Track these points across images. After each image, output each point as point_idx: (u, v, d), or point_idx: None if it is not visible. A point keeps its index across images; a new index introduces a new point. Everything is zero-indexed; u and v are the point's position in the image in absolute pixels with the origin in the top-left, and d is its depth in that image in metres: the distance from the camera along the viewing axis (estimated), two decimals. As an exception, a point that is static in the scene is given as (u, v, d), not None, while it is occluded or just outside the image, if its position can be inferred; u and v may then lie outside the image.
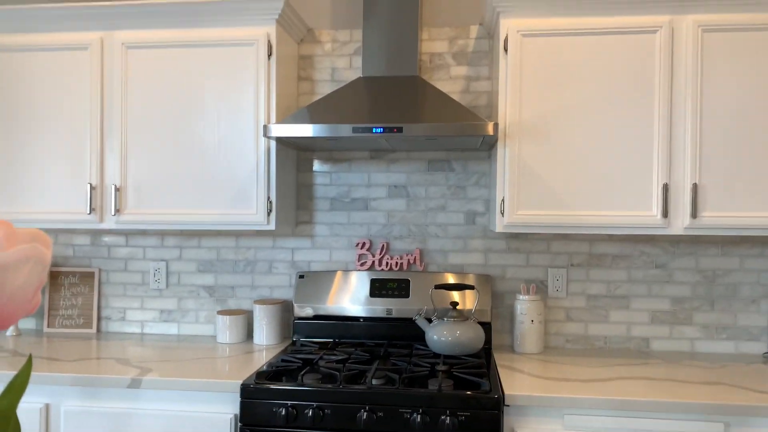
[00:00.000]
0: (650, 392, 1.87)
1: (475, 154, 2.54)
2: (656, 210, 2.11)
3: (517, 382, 1.98)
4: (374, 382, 1.92)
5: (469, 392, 1.83)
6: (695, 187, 2.08)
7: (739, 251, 2.42)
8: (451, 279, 2.46)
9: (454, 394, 1.83)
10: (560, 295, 2.49)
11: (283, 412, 1.86)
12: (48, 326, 2.69)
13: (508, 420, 1.88)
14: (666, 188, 2.09)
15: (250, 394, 1.90)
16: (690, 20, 2.08)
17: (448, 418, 1.80)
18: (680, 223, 2.11)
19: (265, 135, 2.10)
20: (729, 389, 1.92)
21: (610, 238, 2.47)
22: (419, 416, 1.81)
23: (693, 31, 2.08)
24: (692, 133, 2.08)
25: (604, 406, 1.83)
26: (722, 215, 2.08)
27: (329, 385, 1.89)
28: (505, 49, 2.17)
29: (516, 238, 2.52)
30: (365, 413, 1.83)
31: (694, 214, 2.08)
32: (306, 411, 1.86)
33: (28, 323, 2.76)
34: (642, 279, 2.46)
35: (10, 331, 2.61)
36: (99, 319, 2.71)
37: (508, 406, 1.87)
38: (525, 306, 2.37)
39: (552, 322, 2.50)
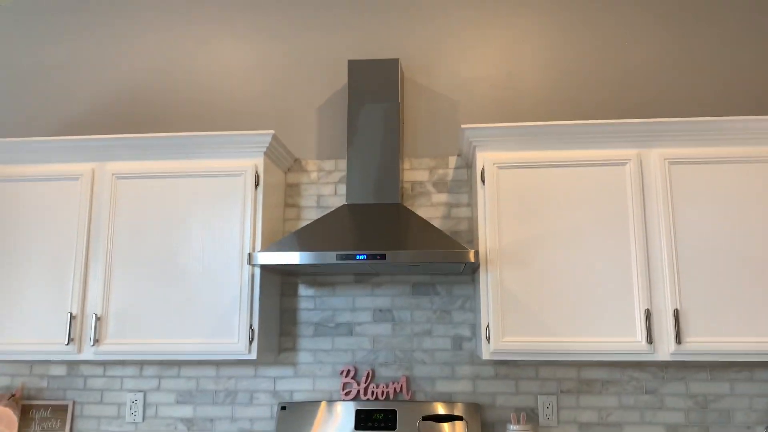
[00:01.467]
0: None
1: (459, 278, 2.56)
2: (641, 336, 2.10)
3: None
4: None
5: None
6: (677, 313, 2.10)
7: (728, 375, 2.39)
8: (439, 408, 2.39)
9: None
10: (551, 424, 2.41)
11: None
12: (13, 465, 2.53)
13: None
14: (648, 314, 2.10)
15: None
16: (656, 153, 2.21)
17: None
18: (666, 349, 2.10)
19: (250, 263, 2.12)
20: None
21: (599, 364, 2.44)
22: None
23: (660, 163, 2.19)
24: (668, 259, 2.13)
25: None
26: (707, 340, 2.09)
27: None
28: (483, 180, 2.26)
29: (504, 365, 2.48)
30: None
31: (678, 339, 2.08)
32: None
33: (-9, 462, 2.59)
34: (633, 405, 2.40)
35: (-29, 471, 2.45)
36: (68, 456, 2.56)
37: None
38: (516, 436, 2.28)
39: (545, 454, 2.40)
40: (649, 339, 2.09)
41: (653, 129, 2.20)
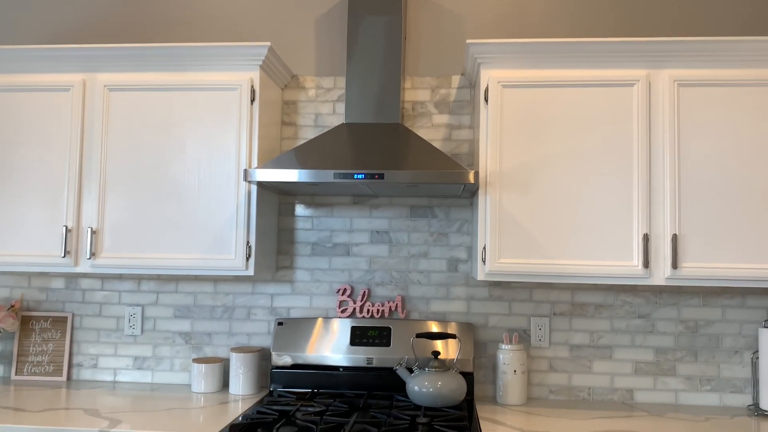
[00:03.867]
0: (634, 447, 1.83)
1: (458, 201, 2.54)
2: (637, 260, 2.10)
3: (499, 435, 1.93)
4: (352, 435, 1.86)
5: (449, 447, 1.78)
6: (675, 238, 2.09)
7: (720, 302, 2.41)
8: (433, 327, 2.42)
9: (434, 449, 1.77)
10: (543, 345, 2.45)
11: (257, 468, 1.78)
12: (16, 373, 2.60)
13: (490, 476, 1.82)
14: (646, 239, 2.09)
15: (222, 448, 1.83)
16: (666, 75, 2.13)
17: (428, 474, 1.74)
18: (662, 274, 2.11)
19: (245, 179, 2.09)
20: (714, 444, 1.88)
21: (593, 288, 2.46)
22: (398, 473, 1.75)
23: (669, 85, 2.12)
24: (671, 184, 2.10)
25: (588, 463, 1.78)
26: (703, 266, 2.09)
27: (305, 439, 1.82)
28: (486, 99, 2.19)
29: (498, 286, 2.50)
30: (342, 469, 1.76)
31: (674, 264, 2.08)
32: (280, 467, 1.79)
33: (-5, 370, 2.66)
34: (625, 329, 2.43)
35: (-24, 378, 2.51)
36: (70, 366, 2.62)
37: (489, 461, 1.82)
38: (508, 356, 2.33)
39: (535, 372, 2.45)
40: (646, 263, 2.09)
41: (664, 48, 2.11)
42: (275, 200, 2.56)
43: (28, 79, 2.34)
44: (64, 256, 2.28)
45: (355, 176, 2.04)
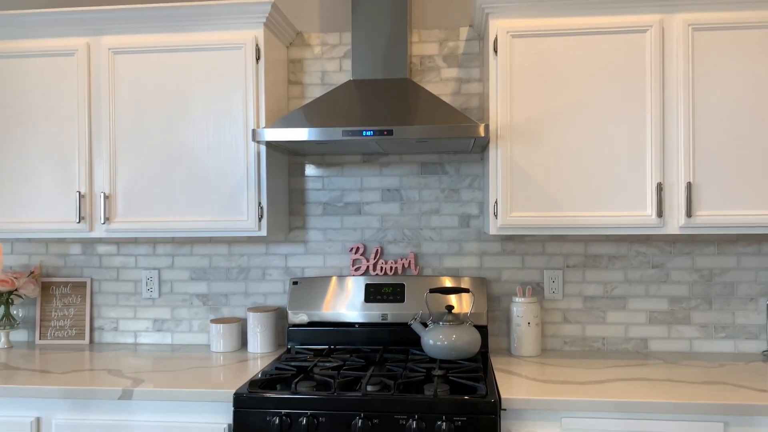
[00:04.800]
0: (648, 393, 1.85)
1: (468, 156, 2.52)
2: (651, 210, 2.09)
3: (514, 385, 1.95)
4: (369, 388, 1.89)
5: (465, 397, 1.81)
6: (689, 186, 2.06)
7: (735, 249, 2.40)
8: (446, 282, 2.44)
9: (450, 399, 1.80)
10: (557, 297, 2.46)
11: (277, 421, 1.83)
12: (40, 338, 2.66)
13: (506, 424, 1.86)
14: (660, 187, 2.07)
15: (242, 403, 1.87)
16: (680, 19, 2.07)
17: (445, 423, 1.77)
18: (675, 223, 2.09)
19: (254, 139, 2.08)
20: (728, 388, 1.90)
21: (606, 239, 2.45)
22: (415, 422, 1.78)
23: (683, 29, 2.06)
24: (685, 132, 2.07)
25: (601, 408, 1.80)
26: (717, 214, 2.07)
27: (323, 393, 1.86)
28: (495, 50, 2.15)
29: (511, 241, 2.50)
30: (360, 420, 1.80)
31: (689, 213, 2.06)
32: (300, 419, 1.83)
33: (19, 335, 2.72)
34: (639, 279, 2.43)
35: (2, 343, 2.58)
36: (92, 329, 2.68)
37: (504, 410, 1.85)
38: (521, 308, 2.34)
39: (549, 324, 2.47)
40: (660, 212, 2.07)
41: (679, -9, 2.05)
42: (285, 161, 2.55)
43: (32, 44, 2.32)
44: (78, 222, 2.30)
45: (364, 133, 2.02)
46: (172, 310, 2.65)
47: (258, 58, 2.25)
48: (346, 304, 2.45)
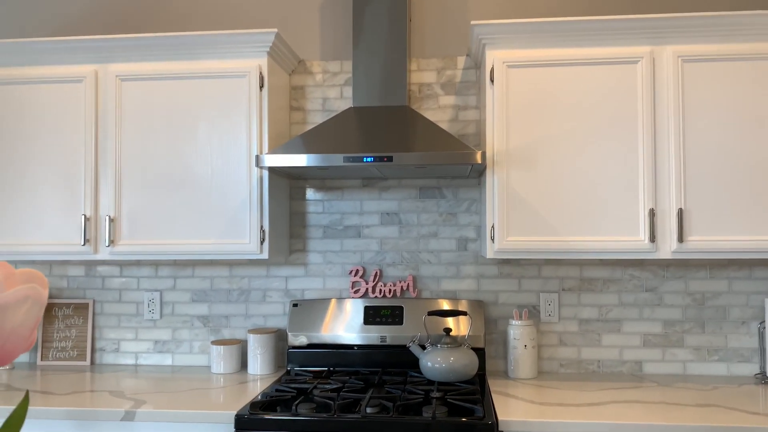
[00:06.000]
0: (644, 416, 1.88)
1: (466, 181, 2.58)
2: (643, 235, 2.14)
3: (511, 408, 1.98)
4: (368, 410, 1.92)
5: (463, 419, 1.84)
6: (681, 212, 2.12)
7: (727, 273, 2.45)
8: (444, 305, 2.48)
9: (448, 420, 1.83)
10: (553, 320, 2.51)
11: (278, 443, 1.86)
12: (42, 359, 2.68)
13: (503, 446, 1.88)
14: (652, 213, 2.13)
15: (244, 424, 1.90)
16: (670, 51, 2.15)
17: (443, 445, 1.80)
18: (668, 248, 2.14)
19: (257, 165, 2.14)
20: (721, 411, 1.93)
21: (601, 263, 2.50)
22: (413, 444, 1.81)
23: (673, 61, 2.14)
24: (676, 160, 2.13)
25: (598, 430, 1.84)
26: (708, 239, 2.12)
27: (323, 415, 1.89)
28: (492, 80, 2.22)
29: (507, 264, 2.54)
30: (359, 442, 1.83)
31: (680, 238, 2.12)
32: (300, 441, 1.86)
33: (21, 356, 2.74)
34: (633, 302, 2.48)
35: (3, 364, 2.60)
36: (93, 350, 2.71)
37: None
38: (518, 331, 2.38)
39: (545, 347, 2.51)
40: (652, 238, 2.13)
41: (667, 24, 2.12)
42: (286, 185, 2.61)
43: (41, 71, 2.39)
44: (84, 245, 2.34)
45: (365, 159, 2.08)
46: (173, 331, 2.68)
47: (261, 86, 2.32)
48: (346, 326, 2.49)
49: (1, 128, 2.40)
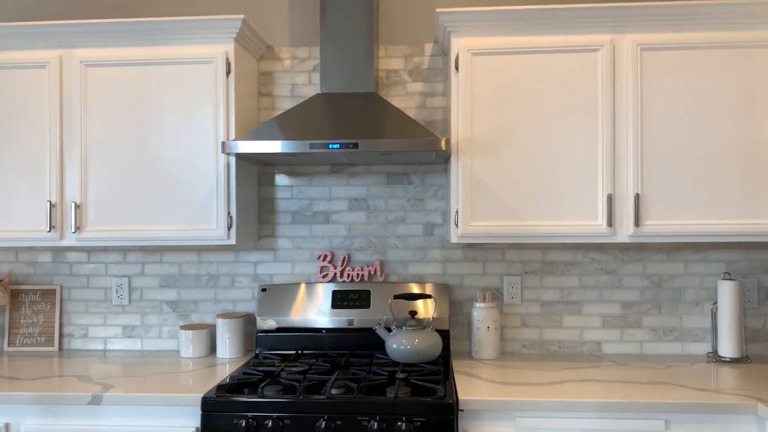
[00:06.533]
0: (597, 393, 1.96)
1: (433, 167, 2.62)
2: (602, 219, 2.21)
3: (473, 387, 2.05)
4: (333, 391, 1.97)
5: (424, 399, 1.90)
6: (638, 197, 2.19)
7: (682, 256, 2.54)
8: (411, 288, 2.53)
9: (410, 400, 1.89)
10: (515, 302, 2.57)
11: (244, 424, 1.90)
12: (8, 345, 2.68)
13: (463, 424, 1.95)
14: (610, 199, 2.20)
15: (210, 407, 1.94)
16: (629, 39, 2.20)
17: (405, 424, 1.86)
18: (625, 232, 2.22)
19: (223, 151, 2.15)
20: (671, 388, 2.02)
21: (563, 247, 2.57)
22: (377, 423, 1.87)
23: (632, 49, 2.19)
24: (634, 146, 2.20)
25: (553, 408, 1.91)
26: (664, 223, 2.20)
27: (289, 396, 1.93)
28: (456, 67, 2.25)
29: (472, 248, 2.60)
30: (324, 422, 1.88)
31: (637, 222, 2.19)
32: (266, 422, 1.90)
33: (-12, 342, 2.74)
34: (593, 285, 2.56)
35: (-30, 350, 2.59)
36: (61, 336, 2.71)
37: (462, 410, 1.94)
38: (481, 313, 2.45)
39: (508, 329, 2.58)
40: (610, 222, 2.20)
41: (627, 14, 2.17)
42: (255, 171, 2.62)
43: (5, 56, 2.36)
44: (49, 231, 2.34)
45: (330, 146, 2.10)
46: (141, 316, 2.69)
47: (228, 72, 2.32)
48: (314, 310, 2.52)
49: (-38, 113, 2.37)
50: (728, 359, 2.38)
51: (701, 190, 2.19)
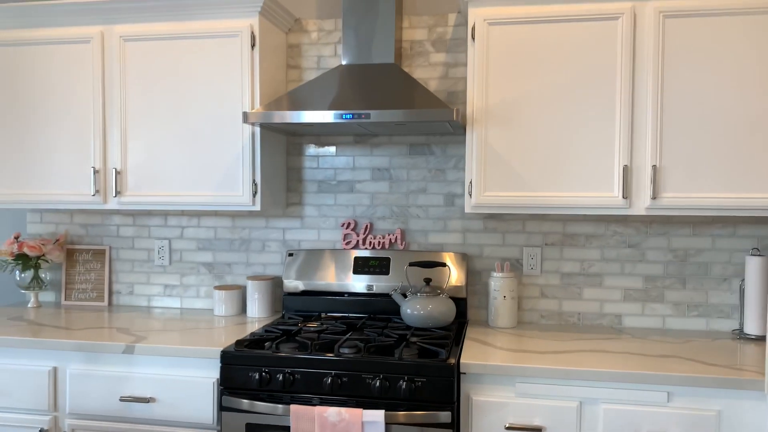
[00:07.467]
0: (603, 364, 1.97)
1: (454, 138, 2.64)
2: (617, 191, 2.18)
3: (481, 352, 2.10)
4: (343, 350, 2.08)
5: (425, 360, 1.97)
6: (655, 169, 2.15)
7: (710, 231, 2.46)
8: (428, 257, 2.59)
9: (412, 361, 1.97)
10: (535, 273, 2.59)
11: (257, 377, 2.04)
12: (65, 299, 2.94)
13: (465, 387, 2.01)
14: (626, 170, 2.16)
15: (228, 359, 2.09)
16: (651, 6, 2.13)
17: (405, 383, 1.95)
18: (641, 204, 2.18)
19: (244, 121, 2.26)
20: (679, 361, 2.00)
21: (584, 219, 2.55)
22: (379, 381, 1.96)
23: (654, 16, 2.13)
24: (653, 117, 2.14)
25: (552, 375, 1.94)
26: (683, 196, 2.15)
27: (300, 353, 2.06)
28: (473, 37, 2.26)
29: (492, 219, 2.62)
30: (330, 378, 1.99)
31: (654, 195, 2.15)
32: (278, 375, 2.03)
33: (48, 296, 3.01)
34: (615, 258, 2.53)
35: (32, 302, 2.87)
36: (110, 292, 2.95)
37: (464, 373, 2.01)
38: (498, 283, 2.48)
39: (527, 299, 2.60)
40: (625, 194, 2.17)
41: (649, -21, 2.11)
42: (283, 141, 2.73)
43: (51, 32, 2.55)
44: (94, 195, 2.54)
45: (344, 116, 2.17)
46: (181, 277, 2.89)
47: (253, 45, 2.42)
48: (337, 275, 2.63)
49: (17, 89, 2.59)
50: (753, 336, 2.31)
51: (724, 163, 2.12)
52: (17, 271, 2.86)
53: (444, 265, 2.40)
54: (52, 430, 2.27)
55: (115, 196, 2.53)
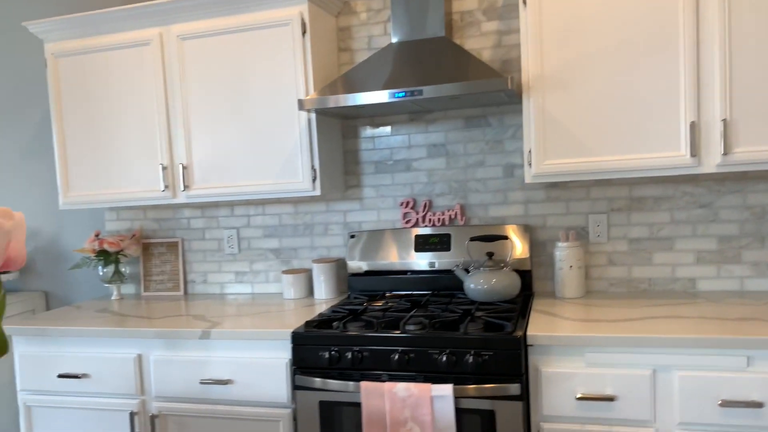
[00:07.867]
0: (673, 329, 1.91)
1: (510, 107, 2.59)
2: (684, 149, 2.09)
3: (549, 324, 2.08)
4: (408, 327, 2.10)
5: (491, 333, 1.97)
6: (725, 123, 2.03)
7: (791, 185, 2.32)
8: (488, 231, 2.57)
9: (478, 336, 1.97)
10: (601, 240, 2.52)
11: (327, 356, 2.10)
12: (144, 290, 3.11)
13: (533, 359, 2.00)
14: (693, 126, 2.06)
15: (299, 340, 2.16)
16: (712, -50, 2.01)
17: (472, 357, 1.95)
18: (712, 161, 2.08)
19: (300, 108, 2.30)
20: (760, 324, 1.91)
21: (651, 181, 2.45)
22: (446, 356, 1.98)
23: (716, -40, 2.00)
24: (720, 68, 2.03)
25: (623, 344, 1.89)
26: (757, 150, 2.03)
27: (367, 331, 2.10)
28: (525, 2, 2.20)
29: (555, 187, 2.57)
30: (397, 355, 2.03)
31: (725, 150, 2.04)
32: (346, 354, 2.09)
33: (129, 289, 3.20)
34: (686, 220, 2.43)
35: (115, 295, 3.06)
36: (185, 282, 3.10)
37: (531, 345, 1.99)
38: (563, 253, 2.43)
39: (594, 267, 2.54)
40: (693, 152, 2.07)
41: None
42: (338, 124, 2.76)
43: (112, 38, 2.67)
44: (163, 190, 2.67)
45: (396, 95, 2.17)
46: (250, 263, 2.99)
47: (304, 32, 2.45)
48: (399, 253, 2.66)
49: (89, 95, 2.74)
50: None
51: (805, 111, 1.98)
52: (100, 267, 3.05)
53: (506, 238, 2.38)
54: (141, 412, 2.43)
55: (183, 191, 2.64)
